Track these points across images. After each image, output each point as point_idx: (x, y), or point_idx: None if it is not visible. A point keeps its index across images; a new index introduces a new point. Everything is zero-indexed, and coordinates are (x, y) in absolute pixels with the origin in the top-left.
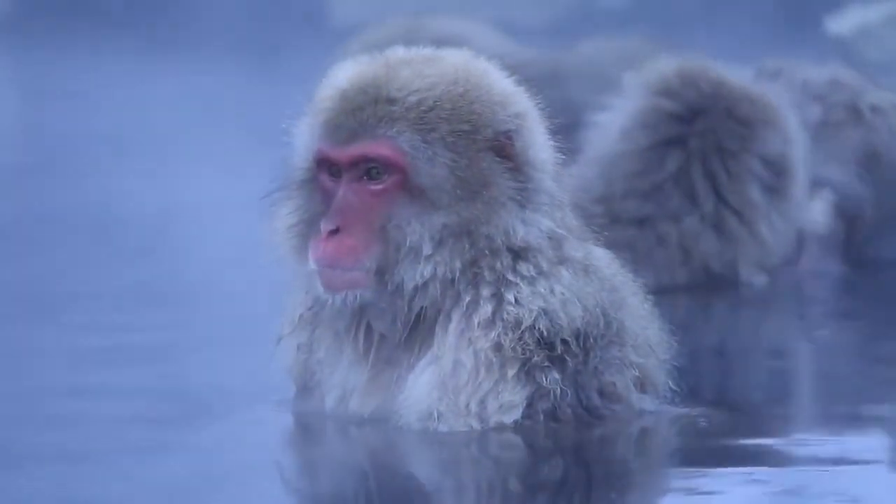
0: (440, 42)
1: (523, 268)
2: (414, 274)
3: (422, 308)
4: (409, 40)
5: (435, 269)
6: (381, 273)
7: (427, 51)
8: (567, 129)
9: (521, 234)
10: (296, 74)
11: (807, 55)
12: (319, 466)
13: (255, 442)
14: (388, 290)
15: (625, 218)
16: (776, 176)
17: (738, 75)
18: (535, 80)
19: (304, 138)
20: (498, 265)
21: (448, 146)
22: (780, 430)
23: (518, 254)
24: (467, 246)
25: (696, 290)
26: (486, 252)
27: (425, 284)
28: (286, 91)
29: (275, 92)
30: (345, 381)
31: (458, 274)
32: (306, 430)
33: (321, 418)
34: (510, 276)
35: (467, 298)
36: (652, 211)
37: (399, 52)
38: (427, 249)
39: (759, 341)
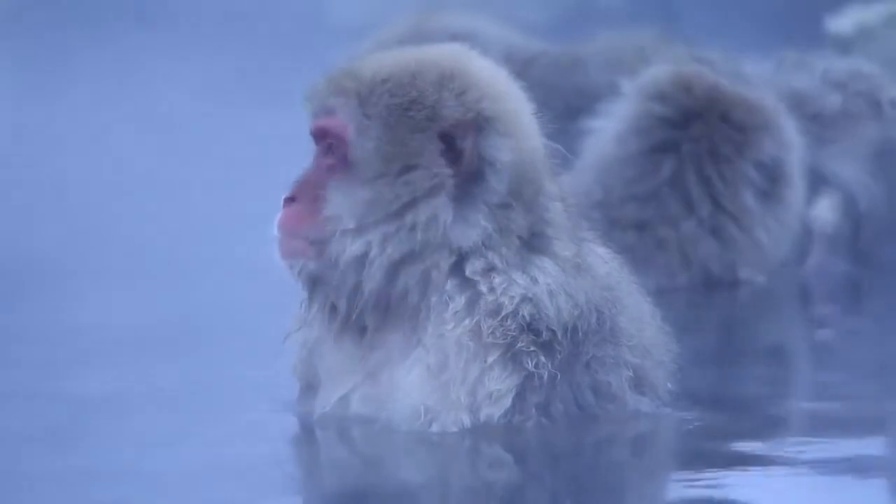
0: (451, 37)
1: (478, 263)
2: (343, 247)
3: (384, 296)
4: (421, 36)
5: (367, 250)
6: (322, 245)
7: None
8: (582, 112)
9: (456, 231)
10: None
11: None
12: (319, 464)
13: (259, 440)
14: (329, 263)
15: (624, 223)
16: (771, 181)
17: (736, 76)
18: (553, 67)
19: None
20: (443, 263)
21: (384, 121)
22: (780, 432)
23: (465, 253)
24: (401, 233)
25: (696, 293)
26: (428, 246)
27: (362, 264)
28: (285, 91)
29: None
30: (342, 378)
31: (397, 262)
32: (308, 429)
33: (322, 417)
34: (468, 272)
35: (436, 295)
36: (651, 216)
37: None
38: (349, 222)
39: (760, 343)
